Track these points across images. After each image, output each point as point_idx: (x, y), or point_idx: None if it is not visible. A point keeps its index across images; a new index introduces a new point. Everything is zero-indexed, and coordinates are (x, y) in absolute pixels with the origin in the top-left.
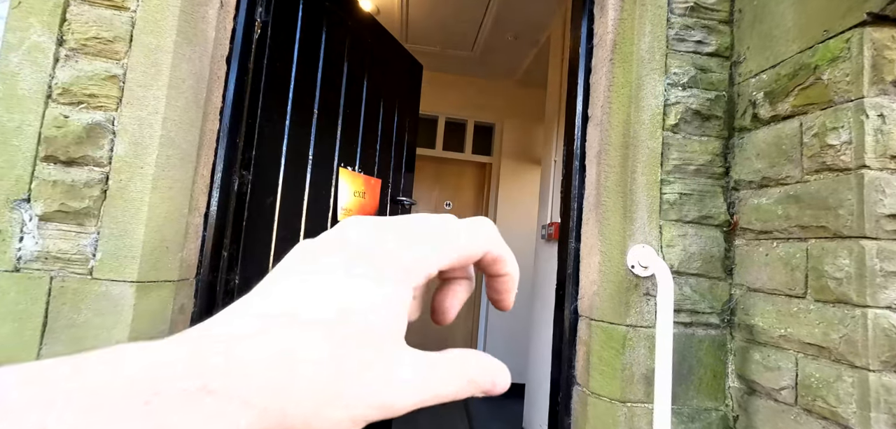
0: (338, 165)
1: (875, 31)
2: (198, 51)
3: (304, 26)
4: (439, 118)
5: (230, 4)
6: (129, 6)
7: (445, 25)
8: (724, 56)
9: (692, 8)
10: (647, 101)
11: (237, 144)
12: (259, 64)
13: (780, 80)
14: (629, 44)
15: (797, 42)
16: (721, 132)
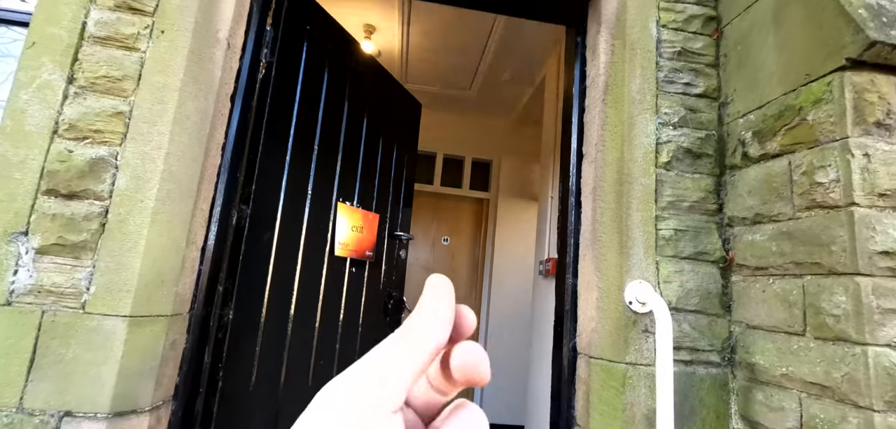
0: (336, 200)
1: (855, 75)
2: (203, 89)
3: (307, 67)
4: (437, 154)
5: (237, 46)
6: (139, 47)
7: (443, 66)
8: (712, 97)
9: (679, 52)
10: (639, 140)
11: (237, 179)
12: (262, 102)
13: (767, 120)
14: (620, 86)
15: (781, 85)
16: (712, 170)
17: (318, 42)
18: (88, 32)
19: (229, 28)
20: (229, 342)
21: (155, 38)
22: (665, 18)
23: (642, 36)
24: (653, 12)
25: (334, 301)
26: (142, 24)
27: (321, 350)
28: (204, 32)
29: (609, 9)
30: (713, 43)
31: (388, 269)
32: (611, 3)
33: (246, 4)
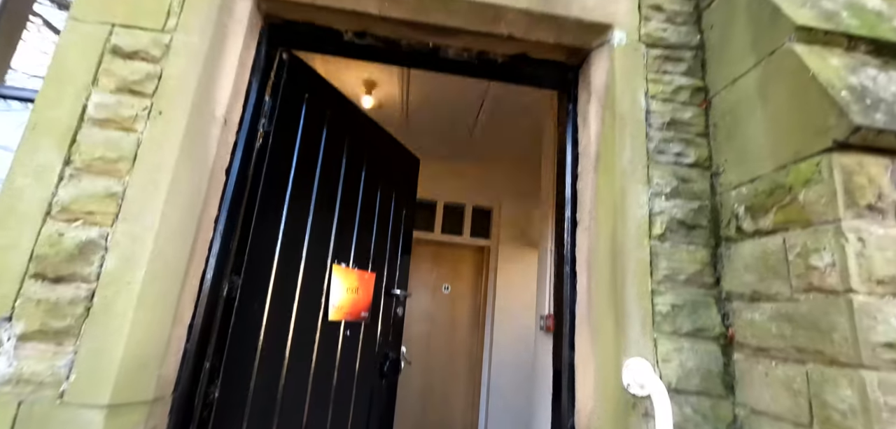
0: (331, 263)
1: (843, 157)
2: (198, 167)
3: (304, 133)
4: (438, 202)
5: (233, 121)
6: (137, 128)
7: (443, 116)
8: (704, 166)
9: (669, 123)
10: (632, 211)
11: (230, 249)
12: (258, 170)
13: (759, 196)
14: (611, 156)
15: (771, 161)
16: (708, 241)
17: (316, 108)
18: (88, 115)
19: (227, 105)
20: (214, 421)
21: (152, 119)
22: (653, 89)
23: (632, 107)
24: (641, 84)
25: (327, 368)
26: (140, 106)
27: (311, 421)
28: (201, 112)
29: (598, 80)
30: (702, 113)
31: (385, 328)
32: (600, 75)
33: (245, 79)
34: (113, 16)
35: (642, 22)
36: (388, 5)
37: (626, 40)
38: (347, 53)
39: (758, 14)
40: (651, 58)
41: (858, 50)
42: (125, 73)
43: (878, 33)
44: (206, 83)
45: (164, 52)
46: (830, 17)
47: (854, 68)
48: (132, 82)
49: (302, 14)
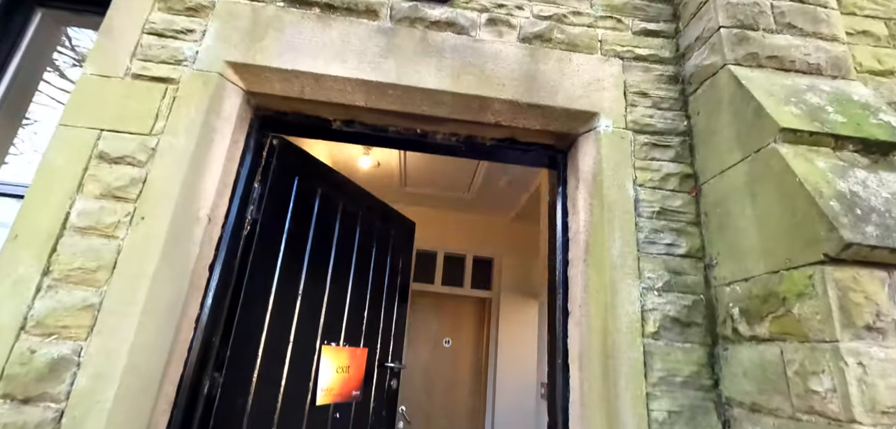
0: (321, 344)
1: (836, 272)
2: (178, 270)
3: (294, 213)
4: (438, 253)
5: (218, 217)
6: (118, 235)
7: (441, 172)
8: (697, 257)
9: (659, 212)
10: (623, 308)
11: (212, 345)
12: (245, 260)
13: (754, 300)
14: (601, 248)
15: (763, 262)
16: (704, 339)
17: (307, 188)
18: (71, 222)
19: (211, 203)
20: None
21: (134, 225)
22: (642, 177)
23: (620, 196)
24: (629, 172)
25: None
26: (123, 212)
27: None
28: (185, 214)
29: (585, 166)
30: (692, 200)
31: (378, 404)
32: (587, 161)
33: (232, 172)
34: (101, 121)
35: (628, 109)
36: (375, 98)
37: (613, 127)
38: (337, 139)
39: (741, 109)
40: (638, 144)
41: (846, 149)
42: (110, 179)
43: (866, 132)
44: (191, 184)
45: (151, 155)
46: (815, 115)
47: (843, 171)
48: (116, 188)
49: (290, 106)
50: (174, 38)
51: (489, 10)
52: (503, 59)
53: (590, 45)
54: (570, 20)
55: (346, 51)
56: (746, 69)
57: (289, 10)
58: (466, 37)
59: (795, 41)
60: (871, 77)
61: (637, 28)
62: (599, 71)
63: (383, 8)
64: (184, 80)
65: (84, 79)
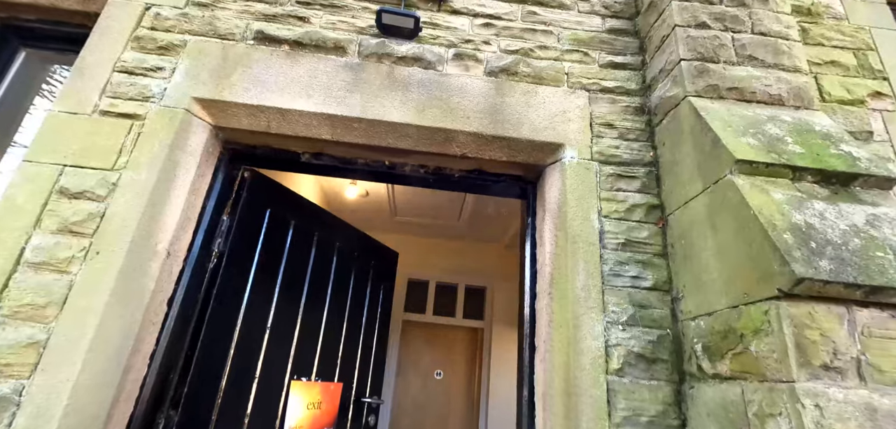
0: (289, 380)
1: (791, 307)
2: (132, 306)
3: (265, 245)
4: (430, 282)
5: (180, 249)
6: (71, 270)
7: (431, 202)
8: (664, 290)
9: (624, 243)
10: (586, 343)
11: (169, 381)
12: (209, 293)
13: (715, 336)
14: (564, 281)
15: (724, 295)
16: (671, 376)
17: (279, 220)
18: (25, 258)
19: (171, 237)
20: None
21: (89, 260)
22: (607, 208)
23: (584, 228)
24: (594, 202)
25: None
26: (79, 247)
27: None
28: (140, 249)
29: (551, 197)
30: (659, 231)
31: None
32: (553, 193)
33: (197, 205)
34: (65, 157)
35: (594, 140)
36: (340, 131)
37: (578, 158)
38: (306, 171)
39: (700, 140)
40: (604, 175)
41: (805, 180)
42: (68, 214)
43: (824, 162)
44: (151, 218)
45: (111, 190)
46: (773, 147)
47: (799, 203)
48: (73, 222)
49: (258, 140)
50: (144, 75)
51: (456, 45)
52: (469, 93)
53: (556, 77)
54: (537, 54)
55: (312, 86)
56: (707, 101)
57: (258, 48)
58: (433, 71)
59: (756, 73)
60: (841, 106)
61: (604, 61)
62: (565, 103)
63: (352, 45)
64: (150, 116)
65: (51, 116)
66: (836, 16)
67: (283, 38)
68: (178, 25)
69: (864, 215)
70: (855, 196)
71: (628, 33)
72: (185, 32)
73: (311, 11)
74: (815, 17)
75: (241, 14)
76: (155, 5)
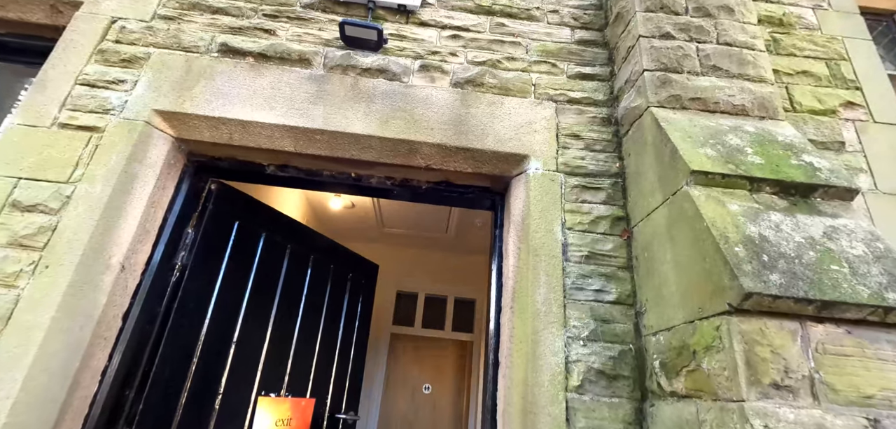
0: (257, 395)
1: (742, 323)
2: (80, 321)
3: (232, 257)
4: (419, 294)
5: (137, 264)
6: (19, 284)
7: (418, 214)
8: (627, 304)
9: (588, 256)
10: (545, 359)
11: (125, 397)
12: (170, 306)
13: (671, 352)
14: (525, 295)
15: (681, 309)
16: (632, 393)
17: (249, 232)
18: None
19: (126, 250)
20: None
21: (37, 275)
22: (571, 220)
23: (546, 240)
24: (557, 214)
25: None
26: (28, 261)
27: None
28: (91, 263)
29: (516, 209)
30: (624, 244)
31: None
32: (518, 204)
33: (157, 219)
34: (20, 170)
35: (560, 151)
36: (303, 143)
37: (543, 169)
38: (272, 183)
39: (660, 150)
40: (569, 187)
41: (763, 191)
42: (18, 227)
43: (783, 173)
44: (104, 231)
45: (64, 203)
46: (732, 157)
47: (755, 215)
48: (24, 236)
49: (222, 152)
50: (105, 88)
51: (423, 57)
52: (433, 104)
53: (523, 89)
54: (504, 65)
55: (275, 98)
56: (669, 111)
57: (222, 60)
58: (398, 83)
59: (720, 83)
60: (812, 116)
61: (572, 72)
62: (531, 114)
63: (317, 57)
64: (109, 128)
65: (10, 130)
66: (808, 26)
67: (247, 50)
68: (143, 38)
69: (822, 227)
70: (814, 207)
71: (597, 44)
72: (149, 45)
73: (278, 24)
74: (786, 27)
75: (207, 27)
76: (121, 19)
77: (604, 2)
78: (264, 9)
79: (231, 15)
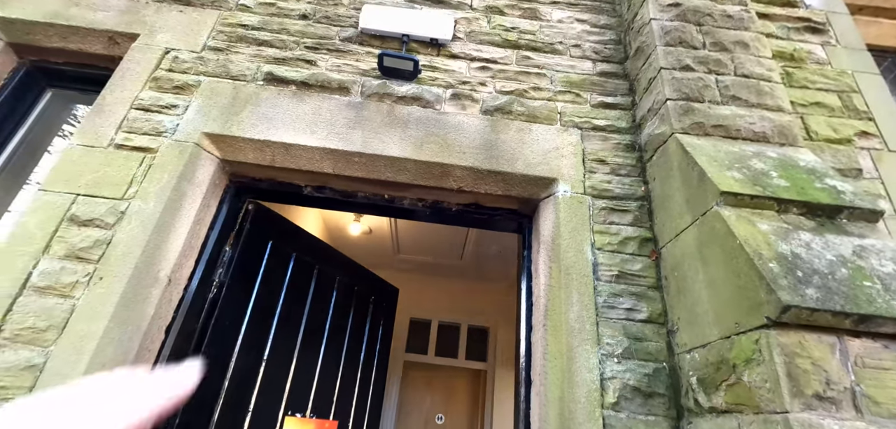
0: (284, 414)
1: (781, 336)
2: (129, 331)
3: (265, 277)
4: (432, 322)
5: (181, 278)
6: (75, 294)
7: (433, 240)
8: (659, 322)
9: (618, 275)
10: (581, 375)
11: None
12: (207, 322)
13: (709, 367)
14: (558, 312)
15: (716, 326)
16: (668, 411)
17: (281, 252)
18: (31, 283)
19: (173, 265)
20: None
21: (92, 286)
22: (600, 241)
23: (577, 259)
24: (587, 235)
25: None
26: (83, 272)
27: None
28: (142, 276)
29: (546, 230)
30: (653, 264)
31: None
32: (547, 225)
33: (201, 235)
34: (78, 187)
35: (587, 175)
36: (342, 165)
37: (571, 192)
38: (309, 204)
39: (688, 175)
40: (597, 209)
41: (791, 212)
42: (76, 240)
43: (809, 195)
44: (155, 246)
45: (119, 218)
46: (758, 180)
47: (786, 234)
48: (80, 248)
49: (263, 173)
50: (159, 112)
51: (454, 86)
52: (465, 130)
53: (549, 116)
54: (531, 95)
55: (316, 122)
56: (693, 137)
57: (267, 87)
58: (431, 110)
59: (740, 111)
60: (828, 144)
61: (595, 101)
62: (558, 140)
63: (355, 85)
64: (162, 149)
65: (69, 150)
66: (818, 61)
67: (290, 79)
68: (194, 67)
69: (851, 246)
70: (841, 228)
71: (618, 76)
72: (200, 74)
73: (319, 55)
74: (798, 62)
75: (253, 58)
76: (174, 49)
77: (623, 37)
78: (306, 41)
79: (275, 47)
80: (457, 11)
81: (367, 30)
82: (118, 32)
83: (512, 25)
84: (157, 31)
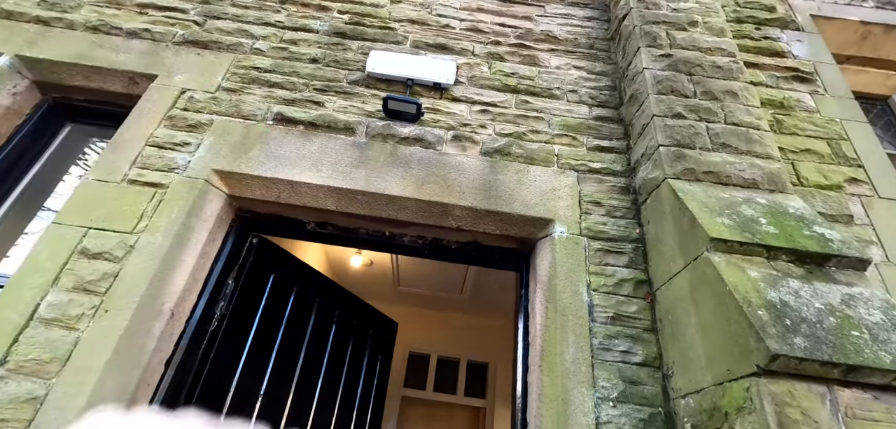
0: None
1: (772, 385)
2: (128, 365)
3: (266, 311)
4: (431, 356)
5: (184, 311)
6: (79, 327)
7: (434, 274)
8: (654, 366)
9: (613, 317)
10: (576, 419)
11: None
12: (206, 356)
13: (703, 415)
14: (554, 354)
15: (709, 372)
16: None
17: (282, 285)
18: (39, 314)
19: (177, 298)
20: None
21: (97, 319)
22: (595, 282)
23: (573, 300)
24: (582, 276)
25: None
26: (90, 304)
27: None
28: (147, 309)
29: (542, 269)
30: (648, 306)
31: None
32: (544, 264)
33: (205, 269)
34: (90, 221)
35: (583, 216)
36: (345, 203)
37: (567, 233)
38: (312, 239)
39: (679, 219)
40: (593, 250)
41: (780, 259)
42: (85, 273)
43: (797, 243)
44: (161, 279)
45: (127, 252)
46: (747, 227)
47: (774, 281)
48: (88, 281)
49: (268, 209)
50: (172, 149)
51: (455, 128)
52: (465, 170)
53: (547, 159)
54: (529, 137)
55: (322, 161)
56: (685, 183)
57: (276, 127)
58: (433, 151)
59: (730, 158)
60: (819, 190)
61: (591, 144)
62: (555, 181)
63: (360, 126)
64: (173, 185)
65: (83, 185)
66: (807, 108)
67: (299, 119)
68: (207, 107)
69: (839, 295)
70: (830, 276)
71: (613, 121)
72: (213, 113)
73: (327, 97)
74: (787, 109)
75: (264, 98)
76: (190, 90)
77: (618, 83)
78: (315, 83)
79: (286, 88)
80: (459, 57)
81: (373, 73)
82: (138, 73)
83: (512, 71)
84: (175, 72)
